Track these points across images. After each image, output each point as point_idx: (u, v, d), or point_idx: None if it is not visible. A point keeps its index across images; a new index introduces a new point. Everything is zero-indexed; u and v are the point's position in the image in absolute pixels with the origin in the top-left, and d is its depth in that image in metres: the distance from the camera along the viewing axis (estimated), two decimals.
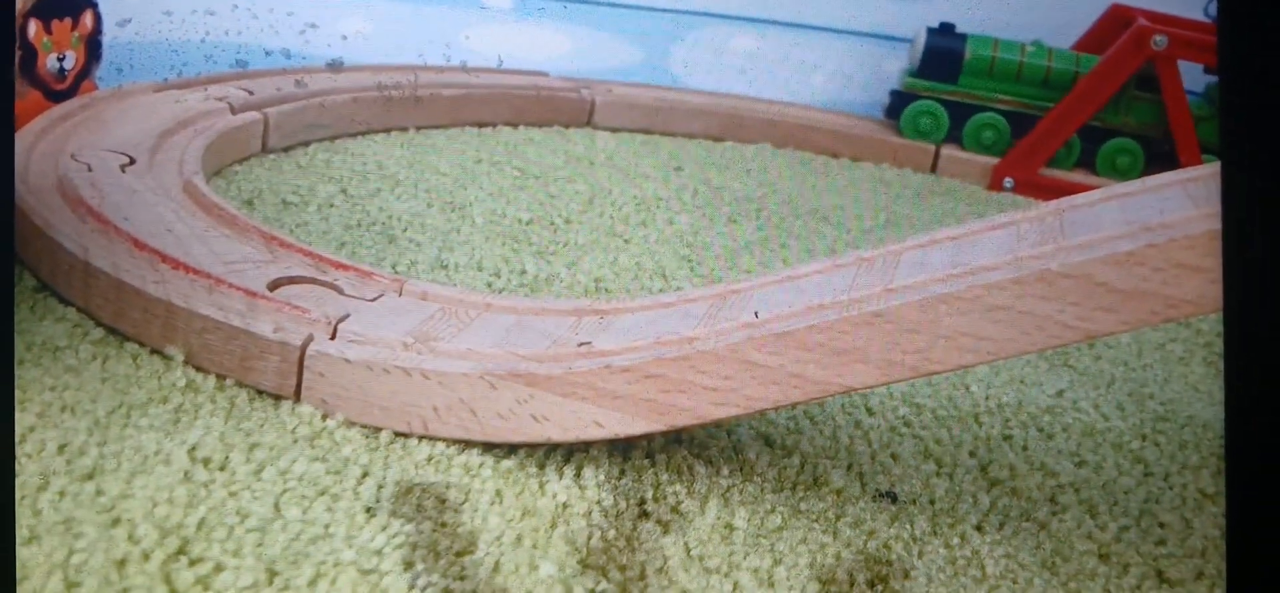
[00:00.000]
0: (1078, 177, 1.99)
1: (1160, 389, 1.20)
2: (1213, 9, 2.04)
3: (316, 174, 1.47)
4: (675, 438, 0.95)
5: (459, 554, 0.79)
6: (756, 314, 0.84)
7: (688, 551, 0.83)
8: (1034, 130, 1.98)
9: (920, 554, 0.88)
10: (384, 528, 0.79)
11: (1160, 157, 2.01)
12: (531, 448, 0.90)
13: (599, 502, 0.86)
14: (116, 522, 0.75)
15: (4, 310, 0.71)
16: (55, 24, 1.39)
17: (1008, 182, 1.97)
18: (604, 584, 0.78)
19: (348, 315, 0.96)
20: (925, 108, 2.03)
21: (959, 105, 2.04)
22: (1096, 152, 2.02)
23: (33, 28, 1.36)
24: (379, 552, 0.77)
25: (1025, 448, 1.04)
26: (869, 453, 0.99)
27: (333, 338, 0.93)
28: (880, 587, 0.83)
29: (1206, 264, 0.74)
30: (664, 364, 0.84)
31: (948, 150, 2.02)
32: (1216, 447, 1.08)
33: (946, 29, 2.05)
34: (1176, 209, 0.78)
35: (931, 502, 0.94)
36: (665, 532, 0.85)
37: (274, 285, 0.99)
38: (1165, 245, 0.75)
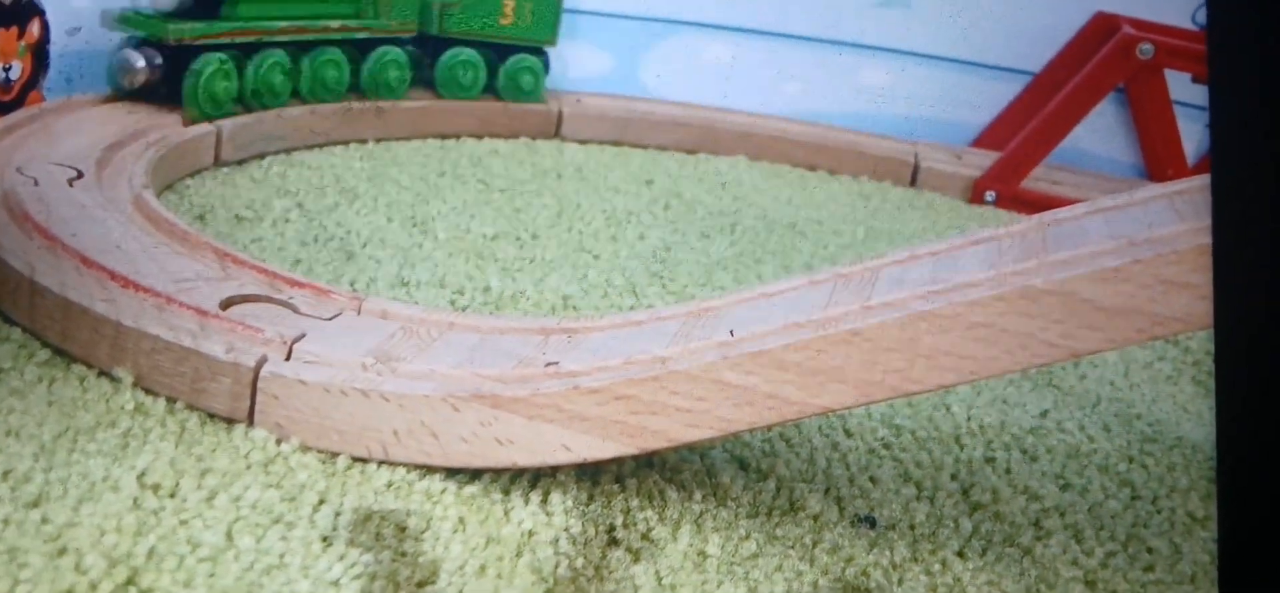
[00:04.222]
0: (1056, 190, 1.98)
1: (1148, 409, 1.19)
2: (1200, 16, 2.03)
3: (272, 188, 1.46)
4: (646, 462, 0.94)
5: (420, 585, 0.77)
6: (732, 333, 0.83)
7: (659, 579, 0.82)
8: (1016, 143, 1.97)
9: (900, 582, 0.86)
10: (341, 558, 0.78)
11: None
12: (496, 473, 0.89)
13: (567, 529, 0.84)
14: (63, 551, 0.73)
15: None
16: (1, 32, 1.36)
17: (989, 195, 1.96)
18: None
19: (304, 335, 0.94)
20: (218, 68, 1.51)
21: (242, 48, 1.56)
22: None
23: None
24: (336, 582, 0.76)
25: (1008, 471, 1.03)
26: (847, 476, 0.98)
27: (288, 359, 0.92)
28: None
29: (1195, 280, 0.74)
30: (634, 385, 0.83)
31: (926, 162, 2.00)
32: (1206, 469, 1.07)
33: None
34: (1163, 223, 0.78)
35: (912, 527, 0.93)
36: (636, 560, 0.83)
37: (226, 304, 0.98)
38: (1152, 261, 0.75)
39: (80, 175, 1.21)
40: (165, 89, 1.50)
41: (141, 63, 1.48)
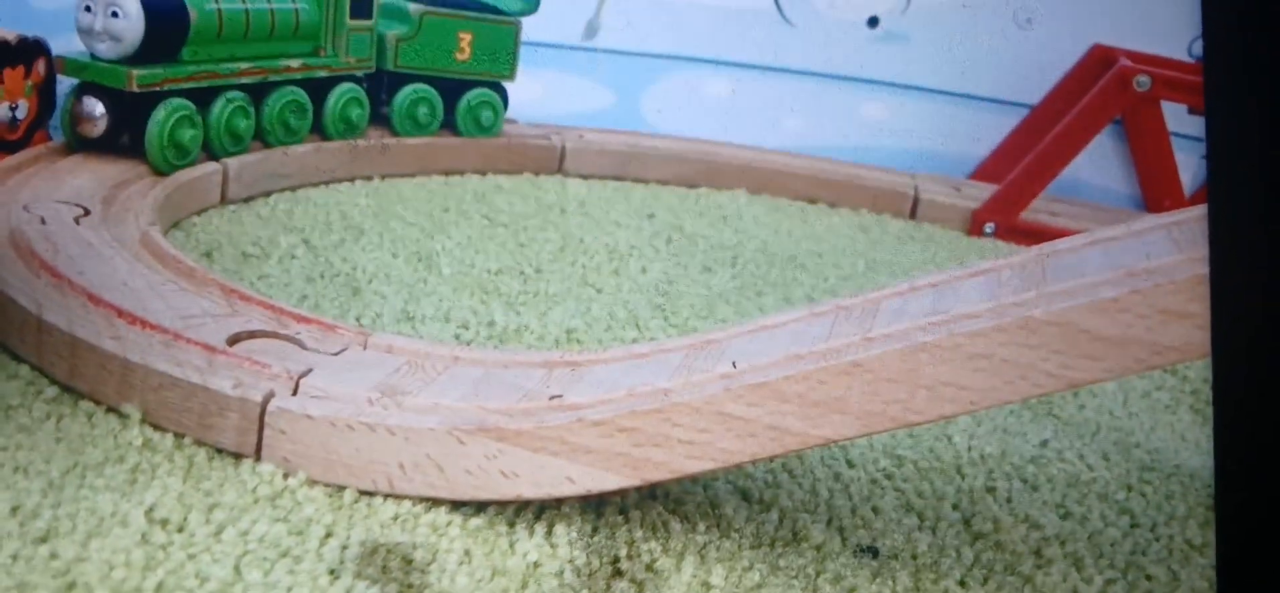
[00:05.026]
0: (1054, 222, 1.98)
1: (1146, 438, 1.19)
2: (1196, 48, 2.04)
3: (278, 225, 1.46)
4: (650, 493, 0.94)
5: None
6: (734, 365, 0.83)
7: None
8: (1015, 175, 1.97)
9: None
10: (348, 591, 0.78)
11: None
12: (501, 505, 0.89)
13: (571, 560, 0.84)
14: (72, 586, 0.73)
15: None
16: (7, 72, 1.36)
17: (989, 227, 1.96)
18: None
19: (310, 370, 0.94)
20: (182, 114, 1.45)
21: (202, 92, 1.49)
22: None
23: None
24: None
25: (1009, 500, 1.02)
26: (849, 507, 0.97)
27: (294, 394, 0.92)
28: None
29: (1192, 310, 0.74)
30: (638, 417, 0.83)
31: (926, 194, 2.01)
32: (1204, 497, 1.07)
33: None
34: (1161, 254, 0.77)
35: (914, 557, 0.92)
36: (640, 591, 0.83)
37: (233, 340, 0.98)
38: (1150, 291, 0.74)
39: (87, 213, 1.21)
40: (127, 139, 1.44)
41: (101, 110, 1.41)
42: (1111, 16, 2.11)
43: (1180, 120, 2.04)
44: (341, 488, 0.88)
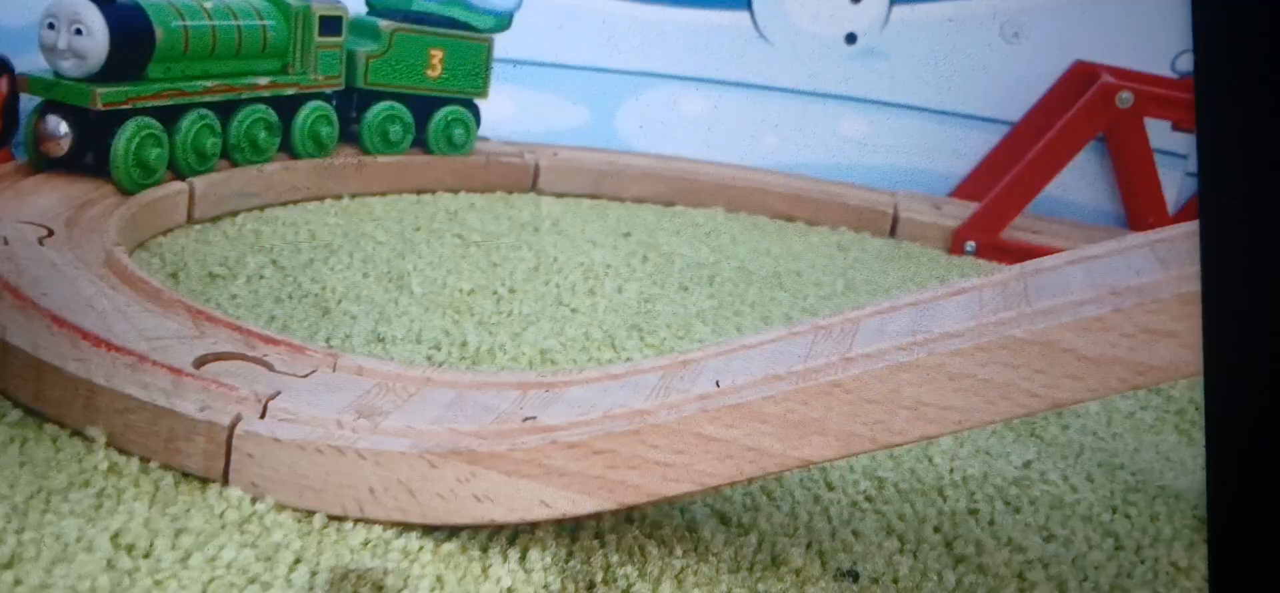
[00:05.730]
0: (1036, 240, 1.97)
1: (1131, 459, 1.18)
2: (1180, 63, 2.04)
3: (246, 244, 1.45)
4: (626, 517, 0.93)
5: None
6: (717, 383, 0.82)
7: None
8: (996, 193, 1.97)
9: None
10: None
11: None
12: (474, 530, 0.88)
13: (546, 586, 0.84)
14: None
15: None
16: None
17: (970, 245, 1.95)
18: None
19: (278, 393, 0.93)
20: (147, 133, 1.43)
21: (168, 111, 1.48)
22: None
23: None
24: None
25: (992, 522, 1.02)
26: (829, 530, 0.96)
27: (262, 417, 0.91)
28: None
29: (1177, 329, 0.73)
30: (613, 439, 0.82)
31: (906, 212, 2.00)
32: (1190, 519, 1.06)
33: None
34: (1146, 272, 0.77)
35: (895, 581, 0.92)
36: None
37: (200, 362, 0.97)
38: (1133, 310, 0.74)
39: (51, 233, 1.21)
40: (92, 158, 1.42)
41: (65, 129, 1.40)
42: (1093, 32, 2.11)
43: (1164, 137, 2.04)
44: (311, 513, 0.88)
